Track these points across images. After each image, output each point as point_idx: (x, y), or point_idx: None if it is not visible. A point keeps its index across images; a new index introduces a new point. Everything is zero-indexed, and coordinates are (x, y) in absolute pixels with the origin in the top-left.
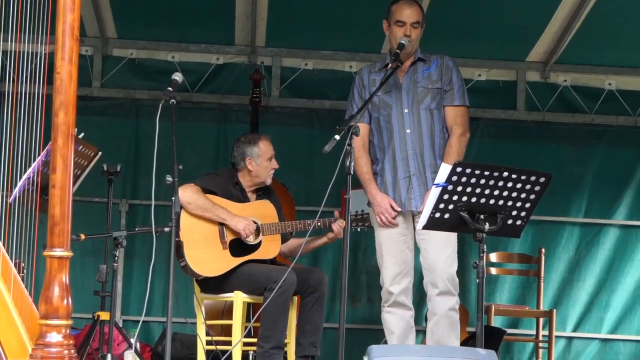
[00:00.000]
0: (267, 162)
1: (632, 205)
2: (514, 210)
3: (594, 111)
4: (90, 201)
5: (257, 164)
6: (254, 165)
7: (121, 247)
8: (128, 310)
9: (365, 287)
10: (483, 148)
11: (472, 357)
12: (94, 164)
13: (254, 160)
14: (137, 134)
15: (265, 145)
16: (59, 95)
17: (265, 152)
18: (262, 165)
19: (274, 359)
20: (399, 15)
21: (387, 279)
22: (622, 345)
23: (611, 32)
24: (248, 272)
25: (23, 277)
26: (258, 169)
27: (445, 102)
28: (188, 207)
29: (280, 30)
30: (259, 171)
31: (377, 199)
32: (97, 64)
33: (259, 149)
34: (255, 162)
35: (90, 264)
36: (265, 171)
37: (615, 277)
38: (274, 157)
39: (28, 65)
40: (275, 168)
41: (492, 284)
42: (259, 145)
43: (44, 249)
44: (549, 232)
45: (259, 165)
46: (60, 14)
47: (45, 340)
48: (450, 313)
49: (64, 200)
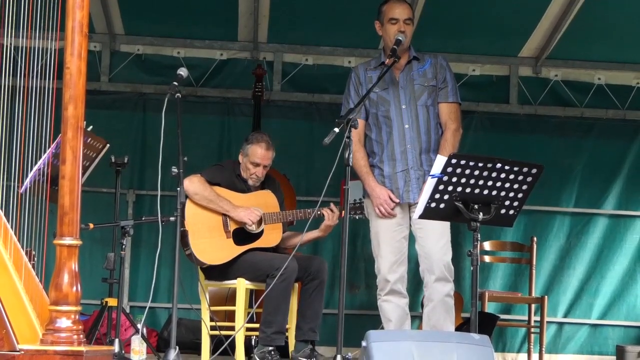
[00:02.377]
0: (250, 165)
1: (621, 195)
2: (507, 200)
3: (584, 105)
4: (99, 191)
5: (244, 161)
6: (242, 160)
7: (128, 235)
8: (135, 296)
9: (364, 275)
10: (477, 140)
11: (467, 341)
12: (102, 155)
13: (243, 156)
14: (144, 126)
15: (257, 150)
16: (68, 90)
17: (252, 156)
18: (245, 165)
19: (276, 343)
20: (391, 13)
21: (384, 267)
22: (611, 330)
23: (600, 29)
24: (251, 259)
25: (34, 264)
26: (243, 165)
27: (439, 99)
28: (194, 197)
29: (282, 27)
30: (243, 167)
31: (375, 191)
32: (105, 60)
33: (249, 149)
34: (243, 159)
35: (98, 252)
36: (247, 171)
37: (604, 264)
38: (260, 166)
39: (39, 61)
40: (257, 176)
41: (486, 272)
42: (252, 147)
43: (54, 237)
44: (540, 222)
45: (244, 163)
46: (70, 12)
47: (55, 325)
48: (446, 299)
49: (73, 190)
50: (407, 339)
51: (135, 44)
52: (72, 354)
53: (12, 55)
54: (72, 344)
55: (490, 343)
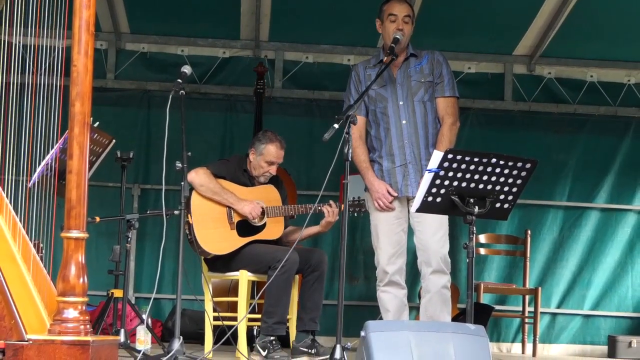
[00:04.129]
0: (265, 164)
1: (612, 189)
2: (502, 194)
3: (577, 102)
4: (105, 186)
5: (257, 160)
6: (253, 158)
7: (134, 228)
8: (140, 288)
9: (363, 267)
10: (473, 136)
11: (463, 331)
12: (108, 151)
13: (256, 155)
14: (149, 123)
15: (272, 150)
16: (75, 87)
17: (267, 155)
18: (259, 163)
19: (277, 333)
20: (390, 10)
21: (382, 259)
22: (602, 320)
23: (593, 28)
24: (253, 251)
25: (42, 257)
26: (255, 164)
27: (436, 93)
28: (200, 189)
29: (283, 25)
30: (255, 166)
31: (374, 185)
32: (111, 58)
33: (264, 149)
34: (255, 157)
35: (104, 245)
36: (260, 169)
37: (596, 257)
38: (275, 165)
39: (47, 59)
40: (271, 173)
41: (481, 264)
42: (267, 146)
43: (61, 230)
44: (534, 215)
45: (257, 161)
46: (77, 11)
47: (63, 316)
48: (443, 290)
49: (80, 185)
50: (404, 329)
51: (140, 42)
52: (79, 344)
53: (21, 53)
54: (79, 334)
55: (486, 333)
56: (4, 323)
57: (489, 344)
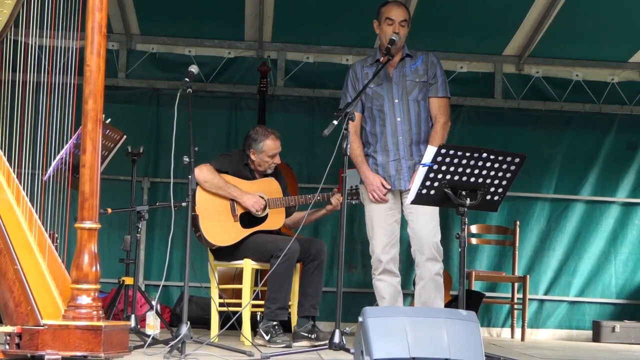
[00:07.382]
0: (269, 158)
1: (597, 183)
2: (492, 187)
3: (563, 99)
4: (116, 179)
5: (260, 157)
6: (256, 157)
7: (144, 219)
8: (150, 275)
9: (360, 255)
10: (464, 132)
11: (455, 317)
12: (119, 146)
13: (257, 154)
14: (158, 119)
15: (270, 144)
16: (88, 85)
17: (268, 150)
18: (263, 159)
19: (279, 318)
20: (388, 13)
21: (377, 248)
22: (587, 306)
23: (578, 30)
24: (256, 241)
25: (57, 246)
26: (259, 161)
27: (430, 93)
28: (204, 185)
29: (285, 27)
30: (260, 163)
31: (369, 178)
32: (122, 58)
33: (263, 146)
34: (257, 156)
35: (116, 235)
36: (266, 164)
37: (581, 246)
38: (277, 155)
39: (61, 59)
40: (276, 163)
41: (473, 253)
42: (264, 143)
43: (75, 221)
44: (523, 207)
45: (260, 159)
46: (90, 13)
47: (77, 302)
48: (436, 277)
49: (93, 178)
50: (400, 315)
51: (150, 43)
52: (92, 329)
53: (37, 54)
54: (92, 319)
55: (477, 319)
56: (21, 309)
57: (480, 329)
